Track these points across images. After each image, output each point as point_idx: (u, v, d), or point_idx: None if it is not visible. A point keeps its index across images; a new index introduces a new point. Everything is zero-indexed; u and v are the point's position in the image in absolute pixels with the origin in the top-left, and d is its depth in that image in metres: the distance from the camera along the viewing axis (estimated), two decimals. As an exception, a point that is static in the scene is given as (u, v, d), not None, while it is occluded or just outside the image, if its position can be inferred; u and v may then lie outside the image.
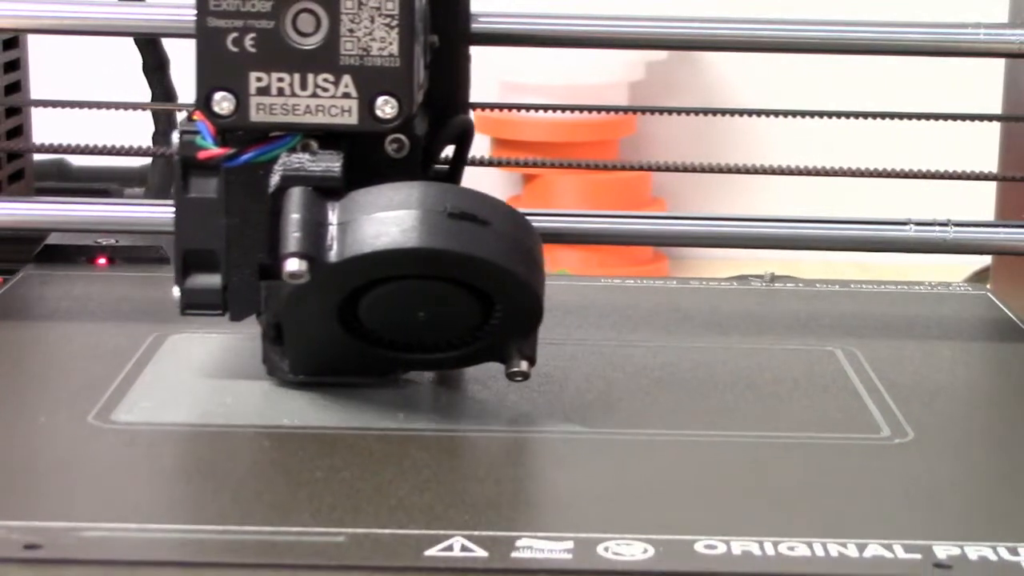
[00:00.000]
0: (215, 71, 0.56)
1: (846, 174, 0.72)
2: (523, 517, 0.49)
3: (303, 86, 0.56)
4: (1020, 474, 0.53)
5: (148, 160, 0.91)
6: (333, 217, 0.54)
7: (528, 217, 0.59)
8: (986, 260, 0.81)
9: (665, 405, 0.58)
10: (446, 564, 0.45)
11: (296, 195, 0.54)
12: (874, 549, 0.46)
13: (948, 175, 0.72)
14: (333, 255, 0.53)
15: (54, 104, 0.75)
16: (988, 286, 0.75)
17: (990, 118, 0.74)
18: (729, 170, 0.73)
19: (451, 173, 0.62)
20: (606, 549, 0.46)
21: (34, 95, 0.82)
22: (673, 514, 0.49)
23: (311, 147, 0.56)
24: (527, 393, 0.58)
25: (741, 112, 0.75)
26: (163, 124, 0.79)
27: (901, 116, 0.72)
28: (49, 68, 0.92)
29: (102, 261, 0.74)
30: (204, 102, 0.56)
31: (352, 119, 0.56)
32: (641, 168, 0.73)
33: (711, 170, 0.73)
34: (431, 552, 0.45)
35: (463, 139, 0.62)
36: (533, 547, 0.46)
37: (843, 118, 0.72)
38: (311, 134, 0.56)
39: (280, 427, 0.55)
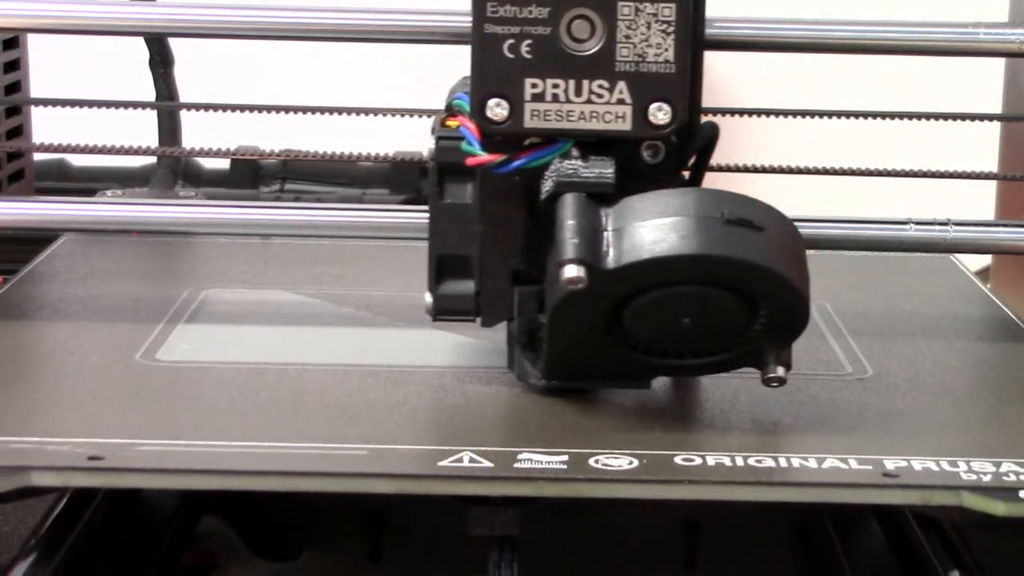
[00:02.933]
0: (491, 77, 0.56)
1: (846, 174, 0.72)
2: (524, 436, 0.54)
3: (578, 92, 0.56)
4: (963, 404, 0.60)
5: (148, 160, 0.91)
6: (608, 223, 0.54)
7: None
8: (986, 260, 0.81)
9: None
10: (456, 472, 0.50)
11: (571, 201, 0.54)
12: (831, 462, 0.52)
13: (948, 175, 0.72)
14: (610, 261, 0.53)
15: (54, 104, 0.75)
16: (988, 286, 0.75)
17: (990, 118, 0.74)
18: (729, 169, 0.73)
19: (693, 178, 0.61)
20: (596, 461, 0.51)
21: (34, 95, 0.82)
22: (657, 434, 0.54)
23: (572, 153, 0.56)
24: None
25: (741, 112, 0.75)
26: (167, 124, 0.79)
27: (901, 116, 0.72)
28: (49, 68, 0.92)
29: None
30: (478, 108, 0.55)
31: (626, 125, 0.56)
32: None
33: (711, 170, 0.73)
34: (443, 463, 0.51)
35: (709, 145, 0.61)
36: (533, 459, 0.51)
37: (843, 118, 0.72)
38: (582, 141, 0.56)
39: (308, 363, 0.60)
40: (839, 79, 1.62)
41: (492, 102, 0.55)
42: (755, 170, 0.72)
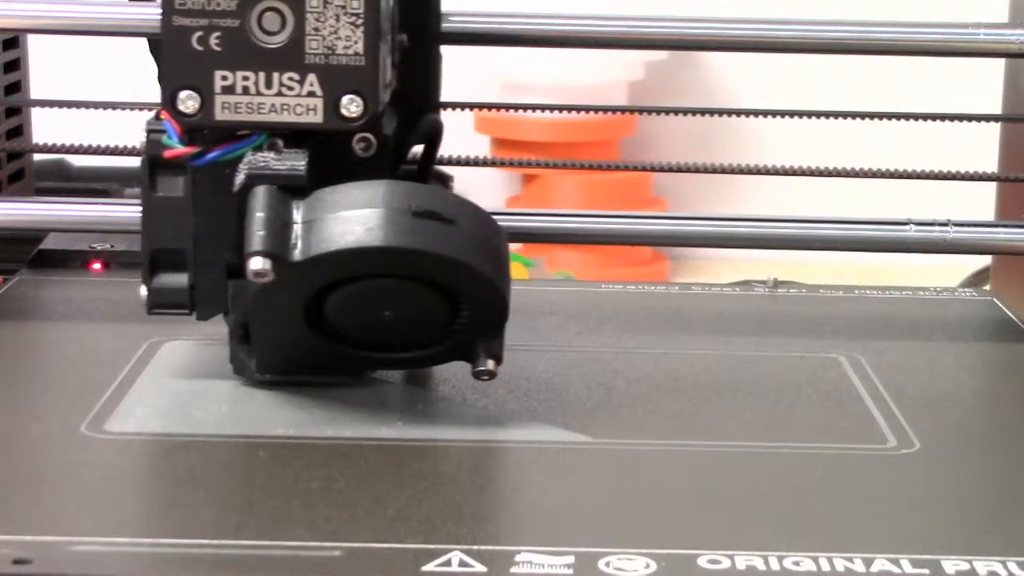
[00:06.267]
0: (180, 70, 0.55)
1: (846, 174, 0.72)
2: (523, 530, 0.48)
3: (268, 85, 0.56)
4: None
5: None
6: (298, 216, 0.54)
7: (528, 218, 0.58)
8: (986, 260, 0.81)
9: (667, 413, 0.57)
10: None
11: (261, 194, 0.54)
12: (881, 564, 0.45)
13: (948, 175, 0.72)
14: (298, 254, 0.53)
15: (54, 104, 0.75)
16: (988, 286, 0.75)
17: (990, 118, 0.74)
18: (729, 170, 0.73)
19: (420, 173, 0.61)
20: (607, 564, 0.45)
21: (34, 95, 0.82)
22: (676, 527, 0.48)
23: (277, 146, 0.56)
24: (527, 401, 0.57)
25: (741, 112, 0.75)
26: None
27: (901, 116, 0.72)
28: (49, 68, 0.92)
29: (97, 266, 0.74)
30: (169, 101, 0.55)
31: (317, 118, 0.56)
32: (641, 168, 0.73)
33: (711, 170, 0.73)
34: (429, 567, 0.44)
35: (433, 139, 0.62)
36: (533, 562, 0.45)
37: (843, 118, 0.72)
38: (277, 133, 0.56)
39: (275, 437, 0.54)
40: (839, 79, 1.62)
41: (183, 94, 0.55)
42: (755, 171, 0.72)
